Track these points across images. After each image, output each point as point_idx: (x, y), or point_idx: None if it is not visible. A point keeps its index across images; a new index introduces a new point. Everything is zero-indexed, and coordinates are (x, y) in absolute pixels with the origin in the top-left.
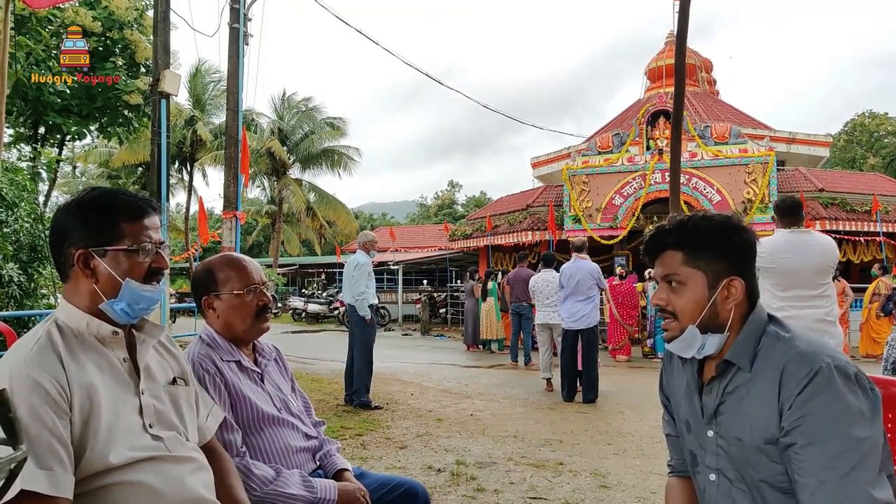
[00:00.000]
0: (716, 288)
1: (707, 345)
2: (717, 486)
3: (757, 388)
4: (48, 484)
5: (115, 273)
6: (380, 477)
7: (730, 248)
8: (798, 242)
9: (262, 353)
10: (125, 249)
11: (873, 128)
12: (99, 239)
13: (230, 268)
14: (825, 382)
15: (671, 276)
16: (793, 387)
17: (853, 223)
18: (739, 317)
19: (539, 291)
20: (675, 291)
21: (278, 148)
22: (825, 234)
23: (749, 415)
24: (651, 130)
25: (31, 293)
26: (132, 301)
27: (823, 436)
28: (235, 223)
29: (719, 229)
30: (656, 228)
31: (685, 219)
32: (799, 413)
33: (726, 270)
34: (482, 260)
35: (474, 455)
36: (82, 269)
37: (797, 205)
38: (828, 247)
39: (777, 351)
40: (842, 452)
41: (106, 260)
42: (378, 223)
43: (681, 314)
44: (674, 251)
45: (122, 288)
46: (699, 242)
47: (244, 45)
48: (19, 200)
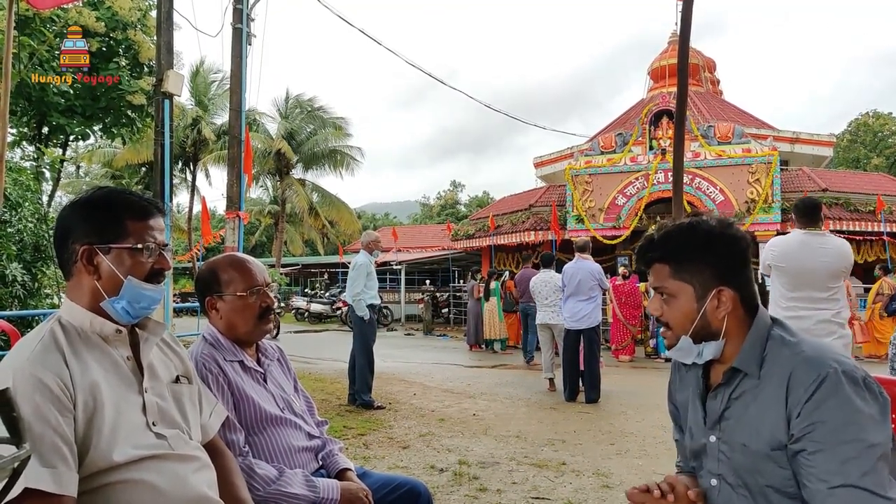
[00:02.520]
0: (705, 299)
1: (705, 351)
2: (719, 491)
3: (764, 394)
4: (52, 482)
5: (117, 271)
6: (382, 477)
7: (715, 259)
8: (812, 244)
9: (265, 353)
10: (129, 248)
11: (877, 128)
12: (103, 236)
13: (234, 269)
14: (833, 388)
15: (660, 288)
16: (800, 393)
17: (857, 223)
18: (736, 322)
19: (538, 291)
20: (666, 303)
21: (287, 147)
22: (841, 237)
23: (756, 421)
24: (654, 130)
25: (34, 293)
26: (133, 300)
27: (834, 441)
28: (238, 223)
29: (703, 240)
30: (645, 240)
31: (670, 230)
32: (808, 420)
33: (714, 281)
34: (485, 260)
35: (477, 455)
36: (85, 266)
37: (816, 206)
38: (842, 250)
39: (783, 356)
40: (853, 457)
41: (109, 257)
42: (381, 223)
43: (673, 325)
44: (661, 264)
45: (124, 286)
46: (683, 256)
47: (247, 46)
48: (23, 200)
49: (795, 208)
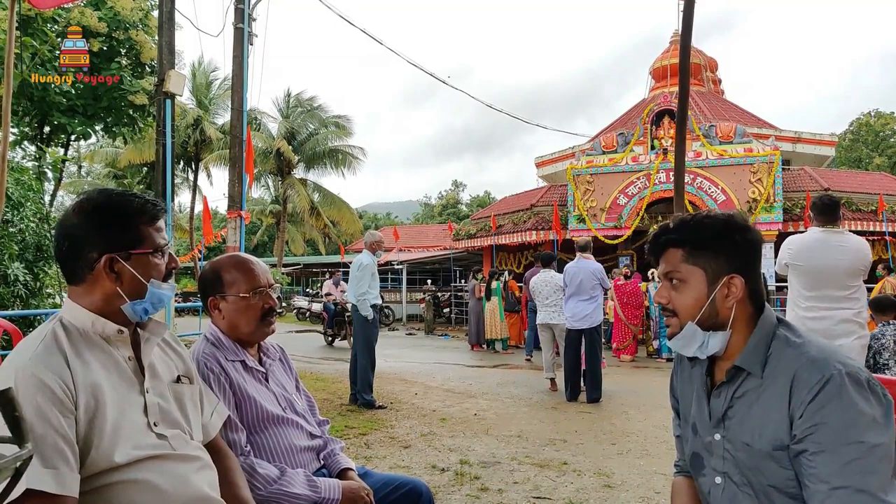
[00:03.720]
0: (715, 285)
1: (710, 343)
2: (723, 489)
3: (767, 395)
4: (54, 483)
5: (140, 276)
6: (383, 476)
7: (730, 246)
8: (830, 242)
9: (267, 353)
10: (149, 253)
11: (879, 127)
12: (123, 243)
13: (237, 269)
14: (837, 390)
15: (672, 273)
16: (804, 394)
17: (859, 223)
18: (743, 316)
19: (539, 291)
20: (675, 289)
21: (286, 147)
22: (859, 236)
23: (758, 420)
24: (656, 130)
25: (36, 292)
26: (156, 301)
27: (836, 443)
28: (240, 223)
29: (721, 227)
30: (659, 227)
31: (688, 217)
32: (811, 421)
33: (726, 268)
34: (486, 259)
35: (478, 454)
36: (108, 274)
37: (834, 204)
38: (860, 248)
39: (788, 357)
40: (855, 459)
41: (130, 263)
42: (382, 223)
43: (681, 311)
44: (675, 248)
45: (148, 290)
46: (700, 240)
47: (249, 45)
48: (25, 200)
49: (814, 206)
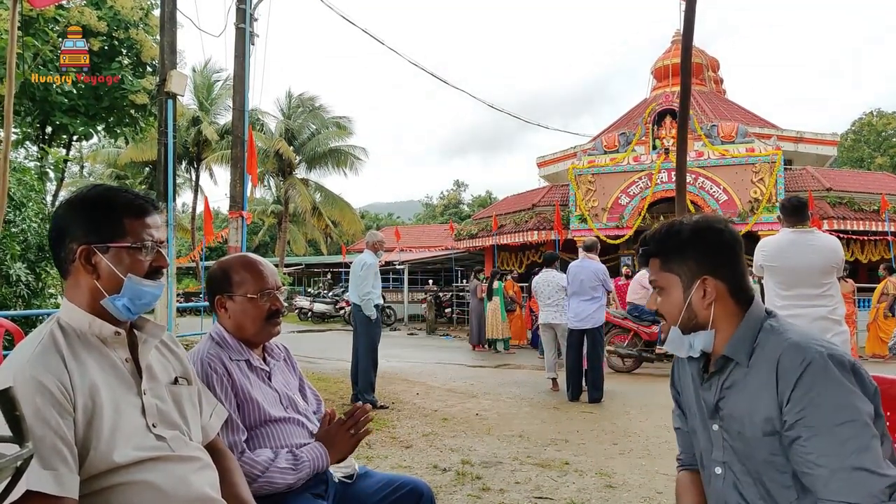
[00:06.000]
0: (691, 289)
1: (695, 343)
2: (724, 478)
3: (754, 382)
4: (54, 484)
5: (116, 270)
6: (385, 476)
7: (698, 250)
8: (801, 242)
9: (272, 354)
10: (127, 247)
11: (881, 127)
12: (101, 235)
13: (246, 270)
14: (822, 371)
15: (654, 281)
16: (789, 378)
17: (861, 223)
18: (726, 315)
19: (540, 291)
20: (660, 295)
21: (286, 148)
22: (830, 234)
23: (748, 408)
24: (657, 130)
25: (38, 292)
26: (134, 297)
27: (828, 424)
28: (242, 223)
29: (689, 232)
30: (641, 239)
31: (662, 226)
32: (800, 405)
33: (698, 271)
34: (488, 259)
35: (480, 454)
36: (84, 265)
37: (802, 204)
38: (831, 247)
39: (771, 344)
40: (850, 438)
41: (108, 256)
42: (383, 223)
43: (666, 316)
44: (654, 258)
45: (125, 284)
46: (669, 248)
47: (250, 45)
48: (27, 200)
49: (782, 208)
